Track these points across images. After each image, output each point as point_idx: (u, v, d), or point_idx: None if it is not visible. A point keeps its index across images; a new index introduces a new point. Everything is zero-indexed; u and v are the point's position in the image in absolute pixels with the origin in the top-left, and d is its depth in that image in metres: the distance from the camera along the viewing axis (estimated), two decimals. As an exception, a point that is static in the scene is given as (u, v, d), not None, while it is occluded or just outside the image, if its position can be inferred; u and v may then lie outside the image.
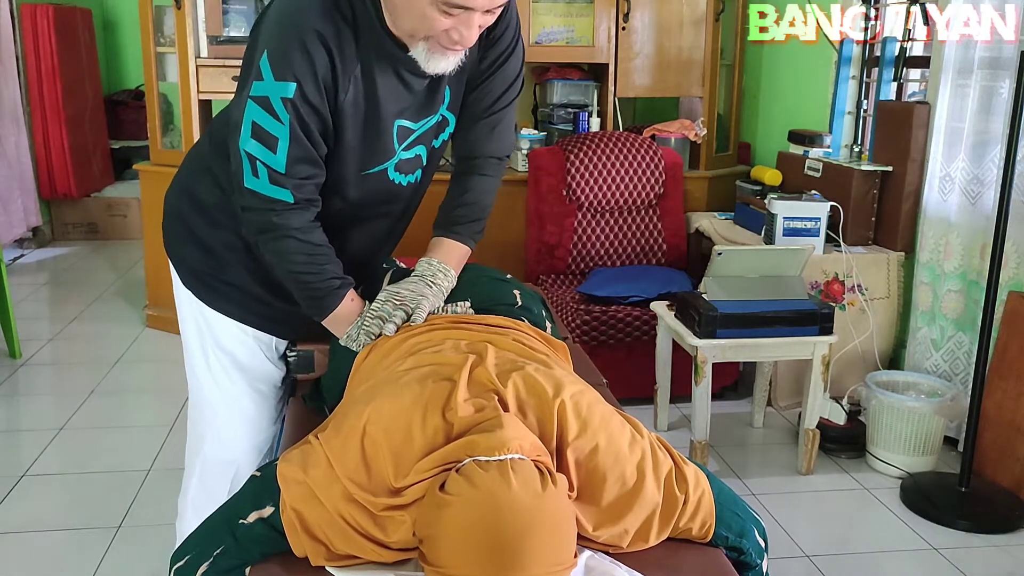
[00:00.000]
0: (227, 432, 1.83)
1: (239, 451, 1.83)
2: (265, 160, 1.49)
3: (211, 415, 1.83)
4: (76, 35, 5.95)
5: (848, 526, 2.67)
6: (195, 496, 1.87)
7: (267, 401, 1.85)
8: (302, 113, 1.47)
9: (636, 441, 1.36)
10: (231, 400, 1.81)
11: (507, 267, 2.12)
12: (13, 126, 5.34)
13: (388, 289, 1.68)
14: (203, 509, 1.79)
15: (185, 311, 1.81)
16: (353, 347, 1.64)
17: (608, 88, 4.15)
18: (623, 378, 3.21)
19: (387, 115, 1.57)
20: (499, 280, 1.87)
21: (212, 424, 1.84)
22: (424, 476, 1.23)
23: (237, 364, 1.79)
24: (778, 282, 2.82)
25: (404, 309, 1.63)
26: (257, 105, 1.46)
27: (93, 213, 6.10)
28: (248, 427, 1.83)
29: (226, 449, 1.83)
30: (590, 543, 1.33)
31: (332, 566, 1.28)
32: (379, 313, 1.63)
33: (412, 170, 1.70)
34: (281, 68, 1.44)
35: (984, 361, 2.71)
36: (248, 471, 1.83)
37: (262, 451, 1.88)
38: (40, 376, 3.74)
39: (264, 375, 1.83)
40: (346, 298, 1.64)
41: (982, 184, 3.01)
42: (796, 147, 3.74)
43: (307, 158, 1.51)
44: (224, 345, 1.78)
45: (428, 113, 1.65)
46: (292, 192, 1.52)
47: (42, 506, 2.66)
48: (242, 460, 1.84)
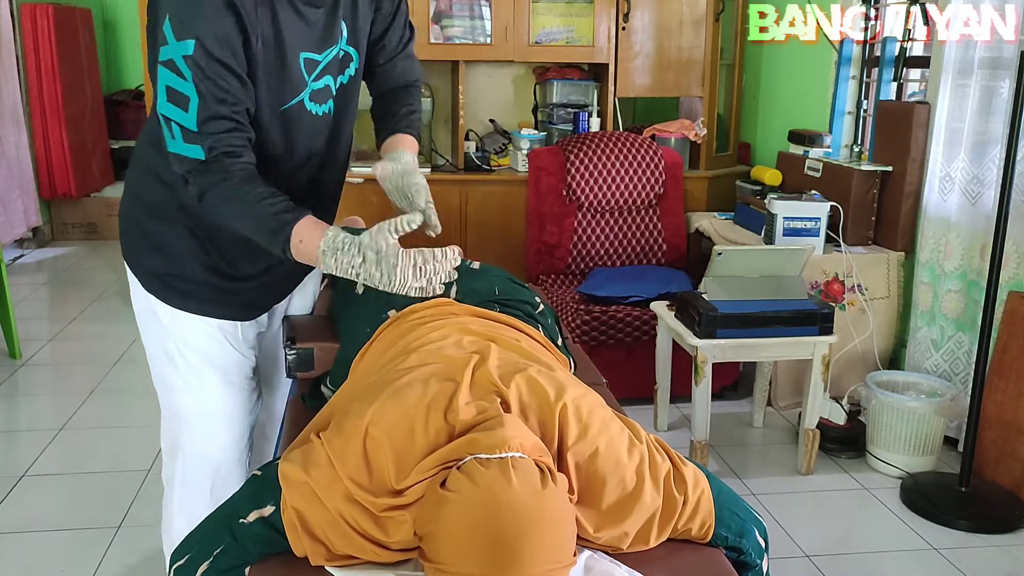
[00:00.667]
0: (202, 430, 1.85)
1: (217, 446, 1.85)
2: (179, 120, 1.53)
3: (185, 416, 1.85)
4: (76, 35, 5.95)
5: (848, 526, 2.67)
6: (180, 498, 1.88)
7: (240, 393, 1.87)
8: (205, 69, 1.50)
9: (635, 445, 1.36)
10: (204, 398, 1.83)
11: (507, 267, 2.13)
12: (13, 126, 5.34)
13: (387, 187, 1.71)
14: (190, 508, 1.81)
15: (147, 321, 1.84)
16: (367, 257, 1.49)
17: (608, 88, 4.15)
18: (623, 378, 3.21)
19: (293, 49, 1.63)
20: (522, 286, 1.93)
21: (187, 424, 1.85)
22: (425, 475, 1.23)
23: (207, 359, 1.81)
24: (778, 282, 2.82)
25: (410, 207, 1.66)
26: (166, 69, 1.50)
27: (93, 213, 6.10)
28: (224, 422, 1.85)
29: (204, 445, 1.85)
30: (590, 543, 1.33)
31: (332, 566, 1.28)
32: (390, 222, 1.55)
33: (324, 100, 1.76)
34: (181, 29, 1.48)
35: (984, 361, 2.71)
36: (228, 466, 1.87)
37: (240, 444, 1.90)
38: (40, 376, 3.74)
39: (234, 366, 1.85)
40: (305, 218, 1.54)
41: (982, 184, 3.01)
42: (796, 147, 3.74)
43: (219, 114, 1.54)
44: (191, 343, 1.80)
45: (329, 44, 1.71)
46: (207, 148, 1.54)
47: (42, 506, 2.66)
48: (220, 457, 1.86)
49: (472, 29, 4.08)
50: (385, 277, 1.46)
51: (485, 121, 4.41)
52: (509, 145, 4.29)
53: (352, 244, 1.49)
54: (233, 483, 1.80)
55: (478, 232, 4.05)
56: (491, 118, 4.41)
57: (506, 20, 4.02)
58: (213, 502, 1.69)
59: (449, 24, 4.05)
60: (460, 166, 4.18)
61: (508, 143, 4.30)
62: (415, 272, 1.46)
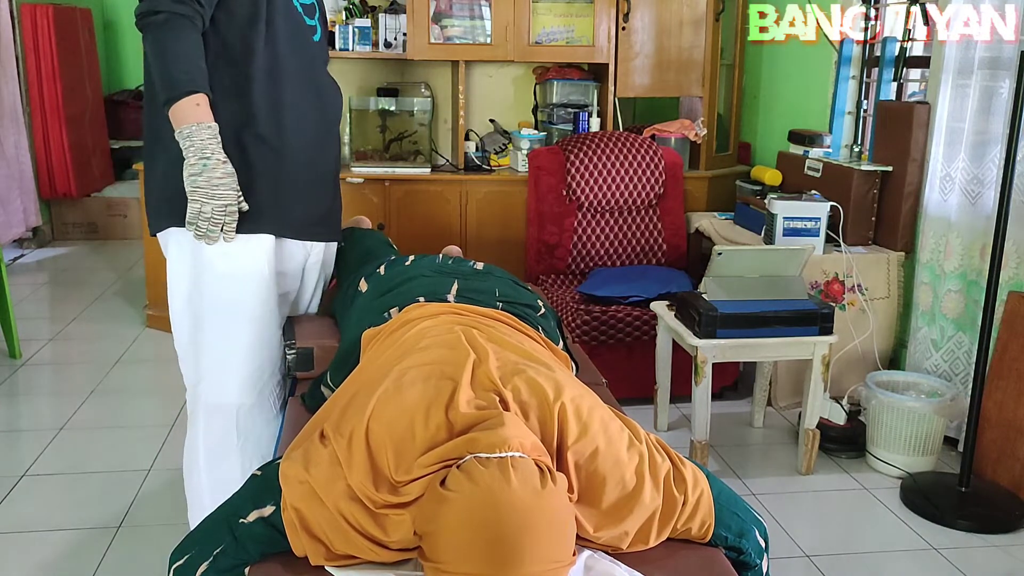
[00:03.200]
0: (224, 370, 1.99)
1: (237, 384, 2.00)
2: None
3: (209, 355, 1.98)
4: (76, 35, 5.95)
5: (848, 526, 2.67)
6: (205, 442, 2.02)
7: (267, 327, 2.02)
8: None
9: (634, 445, 1.36)
10: (231, 328, 1.97)
11: (507, 267, 2.14)
12: (12, 126, 5.33)
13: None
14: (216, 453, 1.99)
15: (177, 263, 1.95)
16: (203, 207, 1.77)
17: (608, 88, 4.15)
18: (623, 378, 3.21)
19: None
20: (525, 288, 1.95)
21: (210, 367, 1.98)
22: (425, 472, 1.23)
23: (236, 285, 1.95)
24: (778, 282, 2.82)
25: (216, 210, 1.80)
26: None
27: (93, 213, 6.10)
28: (248, 356, 2.00)
29: (226, 390, 1.99)
30: (590, 543, 1.33)
31: (331, 566, 1.28)
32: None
33: (312, 15, 2.01)
34: None
35: (984, 361, 2.71)
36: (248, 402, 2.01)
37: (261, 383, 2.03)
38: (40, 376, 3.74)
39: (263, 284, 1.98)
40: (201, 97, 1.76)
41: (982, 184, 3.01)
42: (796, 147, 3.74)
43: None
44: (219, 270, 1.92)
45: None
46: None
47: (42, 506, 2.66)
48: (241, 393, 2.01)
49: (472, 29, 4.08)
50: (195, 191, 1.75)
51: (485, 121, 4.41)
52: (509, 145, 4.29)
53: (211, 158, 1.74)
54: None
55: (478, 232, 4.05)
56: (491, 118, 4.41)
57: (506, 20, 4.02)
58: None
59: (449, 24, 4.05)
60: (460, 166, 4.18)
61: (508, 143, 4.30)
62: (203, 216, 1.75)
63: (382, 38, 4.03)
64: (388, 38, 4.03)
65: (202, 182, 1.74)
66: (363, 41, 4.00)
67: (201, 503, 2.01)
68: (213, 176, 1.74)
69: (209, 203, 1.75)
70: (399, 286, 1.87)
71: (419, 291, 1.81)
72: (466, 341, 1.50)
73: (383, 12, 4.06)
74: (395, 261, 2.04)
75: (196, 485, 2.04)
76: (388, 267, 2.02)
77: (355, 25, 4.00)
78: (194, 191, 1.75)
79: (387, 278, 1.95)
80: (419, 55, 4.01)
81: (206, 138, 1.74)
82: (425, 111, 4.22)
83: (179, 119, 1.74)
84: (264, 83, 1.89)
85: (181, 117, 1.74)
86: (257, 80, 1.88)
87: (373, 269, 2.03)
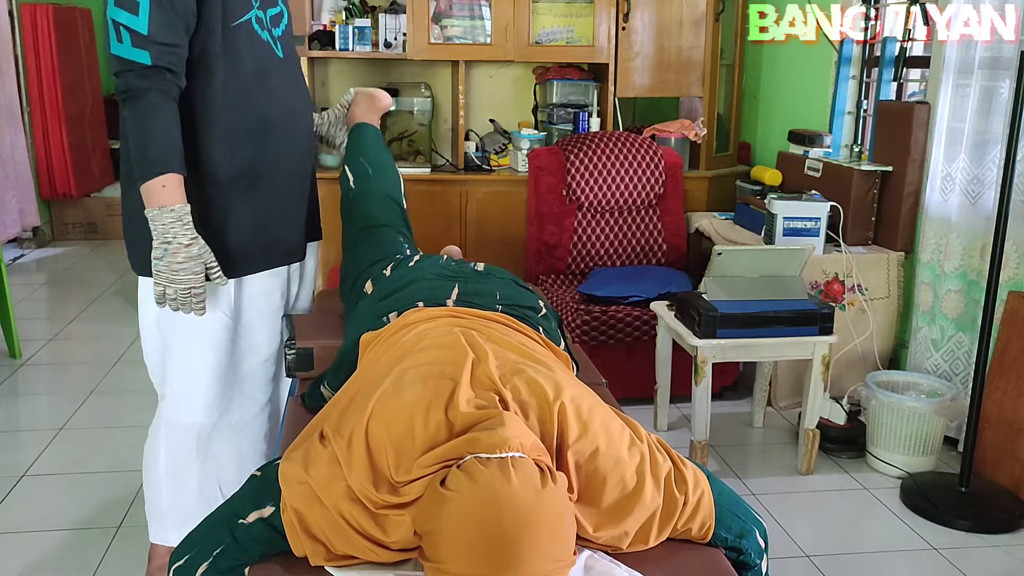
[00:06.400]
0: (188, 393, 2.00)
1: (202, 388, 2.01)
2: (128, 24, 1.65)
3: (175, 376, 2.01)
4: (76, 35, 5.96)
5: (848, 526, 2.67)
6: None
7: (232, 355, 2.03)
8: None
9: (635, 444, 1.36)
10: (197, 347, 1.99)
11: (507, 267, 2.13)
12: (9, 126, 5.33)
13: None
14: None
15: (148, 288, 1.98)
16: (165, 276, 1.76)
17: (608, 88, 4.15)
18: (623, 378, 3.21)
19: None
20: (526, 288, 1.95)
21: (174, 388, 2.01)
22: (425, 472, 1.23)
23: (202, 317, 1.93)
24: (778, 282, 2.82)
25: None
26: None
27: (93, 213, 6.10)
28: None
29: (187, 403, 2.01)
30: (590, 543, 1.33)
31: (331, 566, 1.28)
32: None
33: (279, 23, 1.96)
34: None
35: (984, 361, 2.71)
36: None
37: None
38: (40, 376, 3.74)
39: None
40: (180, 176, 1.74)
41: (982, 184, 3.01)
42: (796, 147, 3.74)
43: (168, 23, 1.67)
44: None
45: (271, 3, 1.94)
46: (153, 55, 1.67)
47: (42, 506, 2.66)
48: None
49: (472, 29, 4.08)
50: (159, 275, 1.76)
51: (485, 121, 4.41)
52: (509, 145, 4.29)
53: (171, 242, 1.73)
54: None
55: (478, 232, 4.05)
56: (491, 118, 4.41)
57: (506, 20, 4.02)
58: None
59: (449, 24, 4.05)
60: (460, 166, 4.18)
61: (508, 143, 4.30)
62: (168, 297, 1.76)
63: (382, 38, 4.03)
64: (388, 38, 4.03)
65: (163, 266, 1.75)
66: (363, 41, 4.00)
67: (159, 505, 2.07)
68: (173, 261, 1.74)
69: (172, 286, 1.76)
70: (400, 290, 1.87)
71: (419, 296, 1.82)
72: (465, 341, 1.50)
73: (383, 12, 4.06)
74: (401, 262, 2.04)
75: (155, 485, 2.08)
76: (394, 268, 2.02)
77: (355, 25, 4.00)
78: (157, 274, 1.76)
79: (390, 280, 1.95)
80: (419, 55, 4.01)
81: (168, 222, 1.73)
82: (425, 111, 4.22)
83: (147, 199, 1.74)
84: (225, 133, 1.87)
85: (148, 198, 1.73)
86: (218, 130, 1.86)
87: (379, 270, 2.03)
